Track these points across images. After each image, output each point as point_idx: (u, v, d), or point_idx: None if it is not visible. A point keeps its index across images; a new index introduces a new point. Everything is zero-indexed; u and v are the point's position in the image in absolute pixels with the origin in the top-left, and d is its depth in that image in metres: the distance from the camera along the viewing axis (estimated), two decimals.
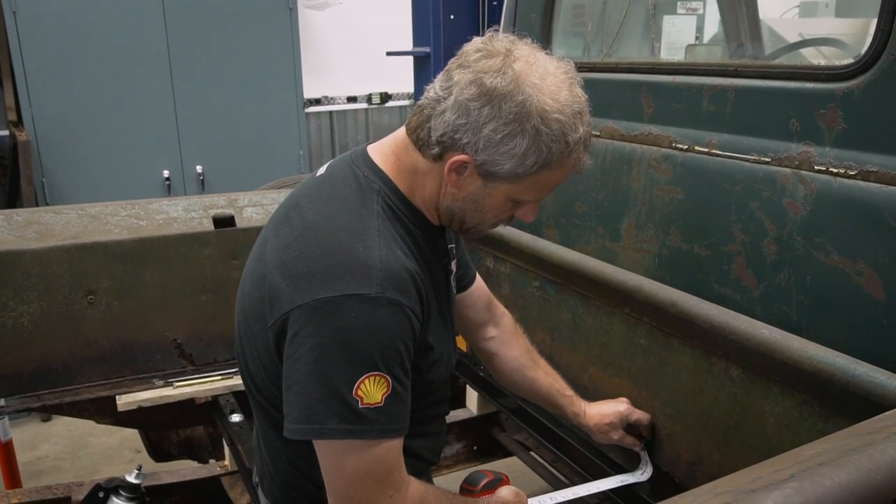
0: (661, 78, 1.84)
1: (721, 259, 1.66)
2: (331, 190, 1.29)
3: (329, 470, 1.21)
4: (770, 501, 0.71)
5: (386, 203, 1.27)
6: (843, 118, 1.41)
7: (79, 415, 2.24)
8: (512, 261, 2.31)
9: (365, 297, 1.15)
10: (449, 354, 1.45)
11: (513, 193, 1.26)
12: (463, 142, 1.20)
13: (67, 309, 2.17)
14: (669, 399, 1.75)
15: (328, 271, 1.17)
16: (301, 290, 1.17)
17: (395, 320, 1.17)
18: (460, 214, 1.31)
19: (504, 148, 1.18)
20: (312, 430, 1.17)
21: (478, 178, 1.24)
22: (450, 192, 1.28)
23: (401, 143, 1.31)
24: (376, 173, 1.29)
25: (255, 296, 1.29)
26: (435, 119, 1.22)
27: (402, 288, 1.19)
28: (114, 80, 4.40)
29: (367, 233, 1.21)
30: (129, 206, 2.30)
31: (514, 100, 1.16)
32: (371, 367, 1.15)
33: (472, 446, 2.58)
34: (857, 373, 1.28)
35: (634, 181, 1.89)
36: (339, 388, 1.15)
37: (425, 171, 1.28)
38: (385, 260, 1.18)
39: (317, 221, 1.24)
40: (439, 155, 1.24)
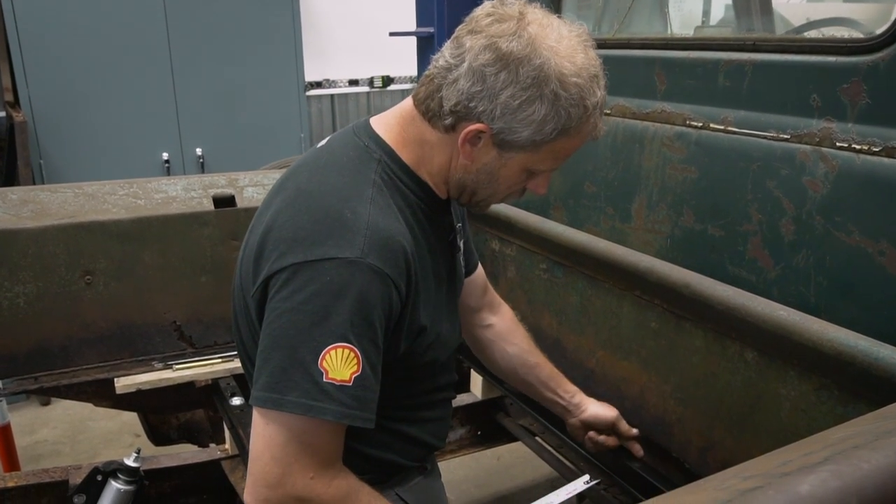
0: (675, 53, 1.79)
1: (736, 240, 1.61)
2: (328, 159, 1.25)
3: (259, 431, 1.12)
4: (807, 485, 0.67)
5: (386, 173, 1.22)
6: (867, 92, 1.37)
7: (76, 397, 2.20)
8: (518, 243, 2.27)
9: (344, 261, 1.09)
10: (448, 335, 1.39)
11: (529, 163, 1.22)
12: (478, 110, 1.15)
13: (64, 290, 2.12)
14: (680, 383, 1.71)
15: (311, 235, 1.12)
16: (282, 256, 1.13)
17: (374, 289, 1.11)
18: (472, 187, 1.26)
19: (522, 114, 1.14)
20: (271, 399, 1.09)
21: (493, 148, 1.19)
22: (462, 164, 1.23)
23: (407, 114, 1.26)
24: (378, 143, 1.25)
25: (246, 269, 1.24)
26: (447, 88, 1.16)
27: (388, 257, 1.13)
28: (112, 61, 4.33)
29: (359, 199, 1.16)
30: (127, 185, 2.25)
31: (531, 63, 1.11)
32: (340, 338, 1.08)
33: (477, 431, 2.55)
34: (881, 356, 1.24)
35: (646, 160, 1.84)
36: (303, 358, 1.08)
37: (434, 143, 1.23)
38: (373, 226, 1.13)
39: (309, 188, 1.19)
40: (452, 126, 1.19)
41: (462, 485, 3.28)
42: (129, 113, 4.41)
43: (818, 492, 0.67)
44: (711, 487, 0.76)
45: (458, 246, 1.43)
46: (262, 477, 1.11)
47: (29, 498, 2.00)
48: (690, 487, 0.79)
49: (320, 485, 1.13)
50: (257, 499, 1.12)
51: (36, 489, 2.00)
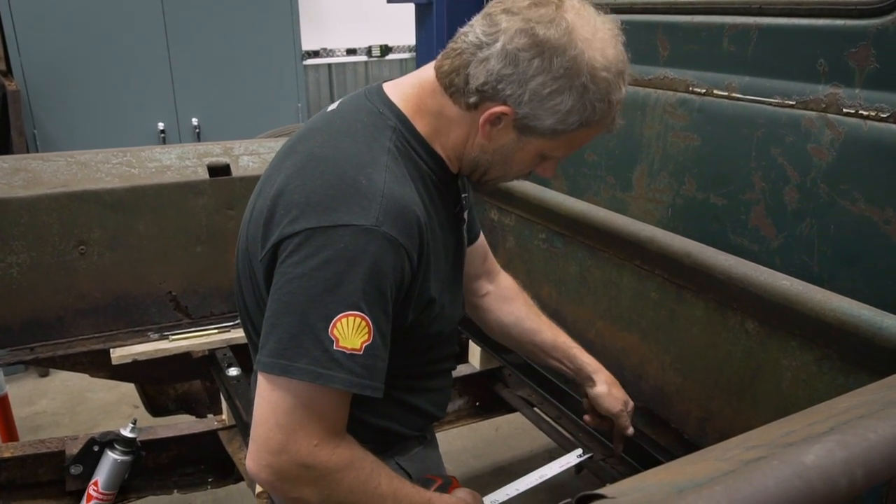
0: (678, 18, 1.74)
1: (739, 208, 1.59)
2: (340, 123, 1.22)
3: (264, 396, 1.10)
4: (812, 455, 0.65)
5: (400, 141, 1.19)
6: (876, 57, 1.33)
7: (72, 368, 2.19)
8: (517, 212, 2.24)
9: (359, 228, 1.07)
10: (452, 308, 1.37)
11: (544, 149, 1.21)
12: (506, 93, 1.13)
13: (58, 260, 2.10)
14: (680, 353, 1.70)
15: (325, 201, 1.09)
16: (294, 220, 1.10)
17: (387, 258, 1.09)
18: (485, 166, 1.25)
19: (550, 103, 1.12)
20: (279, 365, 1.07)
21: (512, 131, 1.18)
22: (479, 144, 1.21)
23: (427, 84, 1.22)
24: (393, 111, 1.22)
25: (253, 234, 1.21)
26: (475, 66, 1.13)
27: (403, 226, 1.11)
28: (107, 29, 4.26)
29: (375, 166, 1.13)
30: (121, 153, 2.22)
31: (566, 54, 1.10)
32: (352, 306, 1.06)
33: (475, 402, 2.55)
34: (884, 325, 1.22)
35: (648, 128, 1.81)
36: (314, 325, 1.06)
37: (453, 118, 1.20)
38: (389, 194, 1.10)
39: (322, 153, 1.16)
40: (475, 104, 1.16)
41: (461, 455, 3.29)
42: (123, 82, 4.35)
43: (823, 462, 0.66)
44: (713, 458, 0.74)
45: (463, 218, 1.41)
46: (265, 443, 1.10)
47: (26, 468, 2.00)
48: (692, 457, 0.78)
49: (324, 452, 1.11)
50: (260, 464, 1.11)
51: (33, 459, 1.99)
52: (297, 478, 1.11)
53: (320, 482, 1.12)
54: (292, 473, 1.10)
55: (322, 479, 1.12)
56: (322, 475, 1.12)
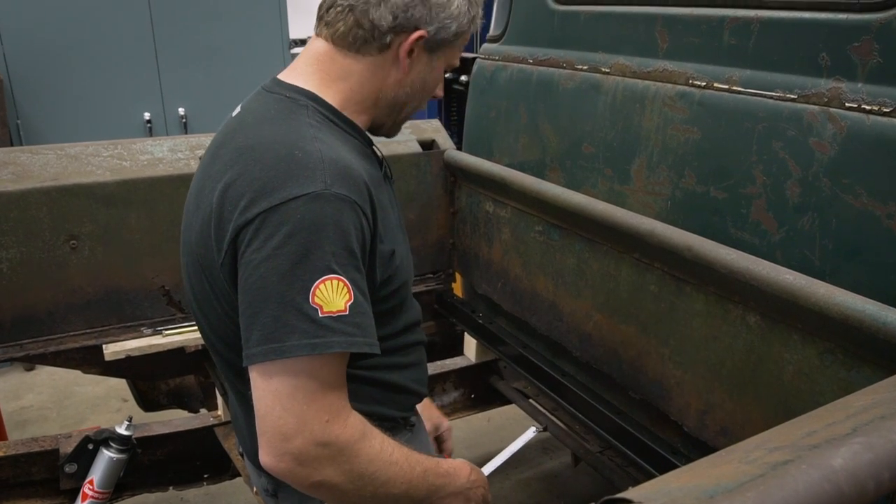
0: (677, 10, 1.73)
1: (739, 202, 1.58)
2: (253, 118, 1.23)
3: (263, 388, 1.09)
4: (840, 458, 0.65)
5: (317, 116, 1.22)
6: (879, 51, 1.33)
7: (64, 364, 2.16)
8: (513, 205, 2.23)
9: (310, 196, 1.07)
10: (408, 261, 1.38)
11: (449, 59, 1.33)
12: (416, 17, 1.22)
13: (49, 255, 2.07)
14: (680, 346, 1.70)
15: (269, 182, 1.09)
16: (245, 209, 1.09)
17: (345, 217, 1.09)
18: (403, 101, 1.31)
19: (449, 10, 1.24)
20: (271, 350, 1.05)
21: (424, 54, 1.27)
22: (396, 80, 1.28)
23: (323, 55, 1.27)
24: (299, 92, 1.25)
25: (204, 244, 1.19)
26: (374, 10, 1.21)
27: (351, 185, 1.12)
28: (91, 17, 4.18)
29: (303, 139, 1.15)
30: (112, 146, 2.18)
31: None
32: (325, 270, 1.06)
33: (471, 394, 2.55)
34: (889, 320, 1.22)
35: (647, 121, 1.80)
36: (294, 299, 1.05)
37: (362, 72, 1.26)
38: (327, 159, 1.12)
39: (248, 143, 1.17)
40: (389, 44, 1.23)
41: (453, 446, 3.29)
42: (108, 71, 4.27)
43: (851, 465, 0.66)
44: (737, 460, 0.74)
45: (391, 178, 1.42)
46: (277, 432, 1.09)
47: (19, 468, 1.97)
48: (713, 459, 0.78)
49: (337, 426, 1.11)
50: (276, 455, 1.10)
51: (25, 458, 1.97)
52: (316, 458, 1.10)
53: (339, 458, 1.12)
54: (311, 455, 1.10)
55: (341, 455, 1.12)
56: (340, 450, 1.11)
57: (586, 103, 2.00)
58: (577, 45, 2.07)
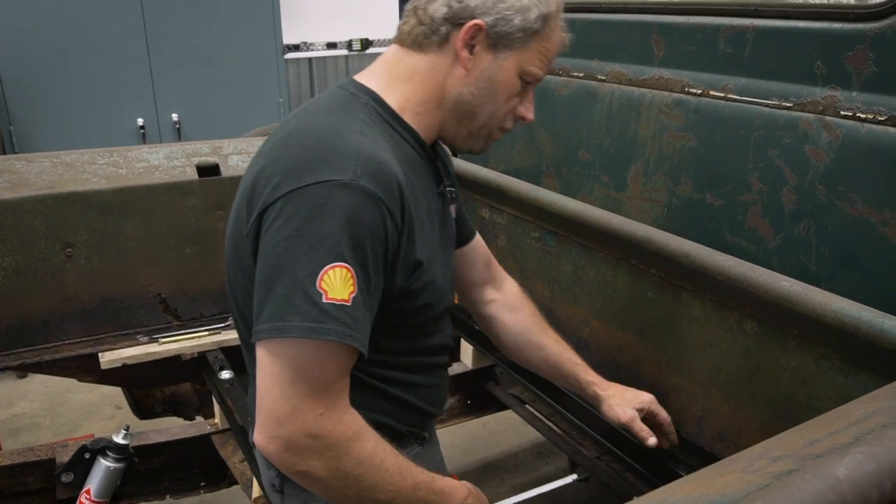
0: (673, 18, 1.75)
1: (735, 209, 1.59)
2: (315, 106, 1.28)
3: (265, 369, 1.10)
4: (843, 468, 0.66)
5: (373, 114, 1.24)
6: (873, 60, 1.34)
7: (60, 373, 2.15)
8: (509, 211, 2.24)
9: (337, 183, 1.08)
10: (442, 283, 1.36)
11: (522, 62, 1.26)
12: (471, 6, 1.21)
13: (44, 263, 2.06)
14: (677, 352, 1.71)
15: (302, 164, 1.12)
16: (275, 188, 1.12)
17: (367, 212, 1.10)
18: (471, 104, 1.28)
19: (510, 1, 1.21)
20: (275, 327, 1.08)
21: (487, 51, 1.24)
22: (459, 77, 1.26)
23: (392, 58, 1.30)
24: (363, 90, 1.28)
25: (238, 216, 1.23)
26: (431, 5, 1.23)
27: (381, 182, 1.12)
28: (84, 23, 4.18)
29: (349, 130, 1.17)
30: (108, 153, 2.18)
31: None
32: (336, 257, 1.07)
33: (467, 400, 2.55)
34: (886, 327, 1.23)
35: (643, 128, 1.81)
36: (302, 281, 1.06)
37: (425, 70, 1.26)
38: (364, 152, 1.13)
39: (298, 127, 1.21)
40: (446, 36, 1.23)
41: (448, 451, 3.26)
42: (102, 77, 4.27)
43: (854, 475, 0.66)
44: (741, 469, 0.74)
45: (448, 197, 1.42)
46: (271, 414, 1.10)
47: (15, 477, 1.96)
48: (717, 469, 0.78)
49: (330, 421, 1.12)
50: (268, 436, 1.11)
51: (21, 468, 1.96)
52: (304, 448, 1.11)
53: (327, 453, 1.12)
54: (300, 444, 1.11)
55: (329, 450, 1.12)
56: (329, 445, 1.12)
57: (582, 110, 2.01)
58: (572, 52, 2.08)
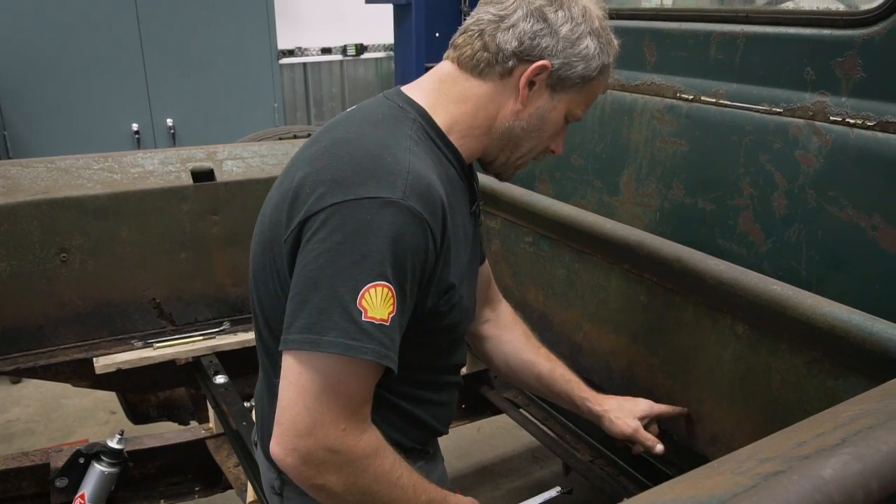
0: (665, 25, 1.76)
1: (727, 213, 1.61)
2: (362, 116, 1.26)
3: (291, 379, 1.10)
4: (829, 469, 0.67)
5: (421, 131, 1.23)
6: (863, 66, 1.36)
7: (54, 378, 2.15)
8: (503, 216, 2.25)
9: (385, 201, 1.08)
10: (469, 301, 1.37)
11: (571, 105, 1.30)
12: (542, 46, 1.22)
13: (39, 268, 2.06)
14: (669, 356, 1.72)
15: (350, 177, 1.10)
16: (321, 197, 1.10)
17: (412, 232, 1.09)
18: (518, 136, 1.30)
19: (580, 47, 1.24)
20: (308, 340, 1.06)
21: (545, 91, 1.27)
22: (513, 111, 1.27)
23: (447, 76, 1.29)
24: (412, 105, 1.26)
25: (275, 219, 1.21)
26: (502, 35, 1.23)
27: (428, 204, 1.12)
28: (79, 28, 4.19)
29: (398, 147, 1.16)
30: (102, 158, 2.18)
31: (578, 3, 1.24)
32: (380, 276, 1.06)
33: (461, 404, 2.55)
34: (875, 330, 1.25)
35: (635, 133, 1.83)
36: (342, 296, 1.05)
37: (481, 97, 1.26)
38: (414, 172, 1.12)
39: (346, 136, 1.19)
40: (511, 69, 1.24)
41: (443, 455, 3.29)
42: (96, 82, 4.28)
43: (840, 475, 0.67)
44: (729, 471, 0.75)
45: (480, 219, 1.43)
46: (292, 426, 1.09)
47: (9, 482, 1.96)
48: (705, 470, 0.79)
49: (351, 437, 1.11)
50: (286, 448, 1.10)
51: (16, 473, 1.96)
52: (322, 462, 1.11)
53: (346, 468, 1.12)
54: (319, 458, 1.10)
55: (348, 465, 1.12)
56: (348, 461, 1.12)
57: None
58: None
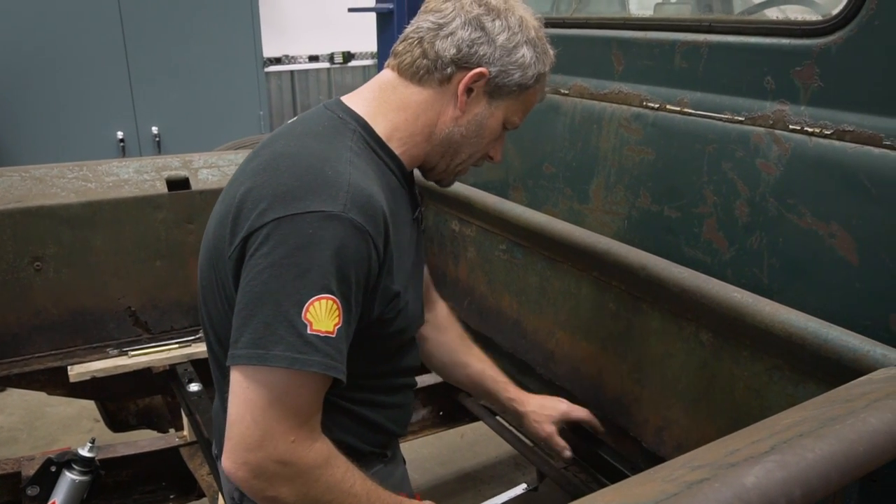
0: (632, 34, 1.77)
1: (692, 221, 1.62)
2: (303, 128, 1.27)
3: (239, 394, 1.10)
4: (752, 476, 0.68)
5: (361, 142, 1.25)
6: (820, 75, 1.37)
7: (29, 386, 2.15)
8: (478, 223, 2.26)
9: (327, 214, 1.09)
10: (414, 308, 1.38)
11: (508, 113, 1.34)
12: (479, 53, 1.26)
13: (13, 277, 2.07)
14: (638, 363, 1.72)
15: (292, 191, 1.11)
16: (262, 213, 1.11)
17: (354, 245, 1.11)
18: (458, 142, 1.33)
19: (516, 56, 1.28)
20: (255, 355, 1.07)
21: (483, 98, 1.30)
22: (452, 117, 1.30)
23: (387, 84, 1.32)
24: (352, 116, 1.28)
25: (219, 234, 1.22)
26: (441, 42, 1.26)
27: (369, 215, 1.13)
28: (63, 35, 4.19)
29: (339, 160, 1.17)
30: (77, 167, 2.19)
31: (514, 14, 1.29)
32: (324, 289, 1.08)
33: (439, 412, 2.56)
34: (830, 337, 1.26)
35: (604, 141, 1.84)
36: (287, 310, 1.06)
37: (420, 103, 1.29)
38: (354, 184, 1.13)
39: (287, 150, 1.20)
40: (450, 76, 1.27)
41: (426, 463, 3.30)
42: (81, 90, 4.28)
43: (763, 483, 0.68)
44: (661, 478, 0.76)
45: (422, 225, 1.44)
46: (241, 440, 1.10)
47: None
48: (641, 477, 0.80)
49: (301, 448, 1.12)
50: (236, 462, 1.10)
51: None
52: (273, 475, 1.11)
53: (297, 480, 1.12)
54: (269, 470, 1.10)
55: (299, 477, 1.12)
56: (299, 472, 1.12)
57: (547, 124, 2.04)
58: None
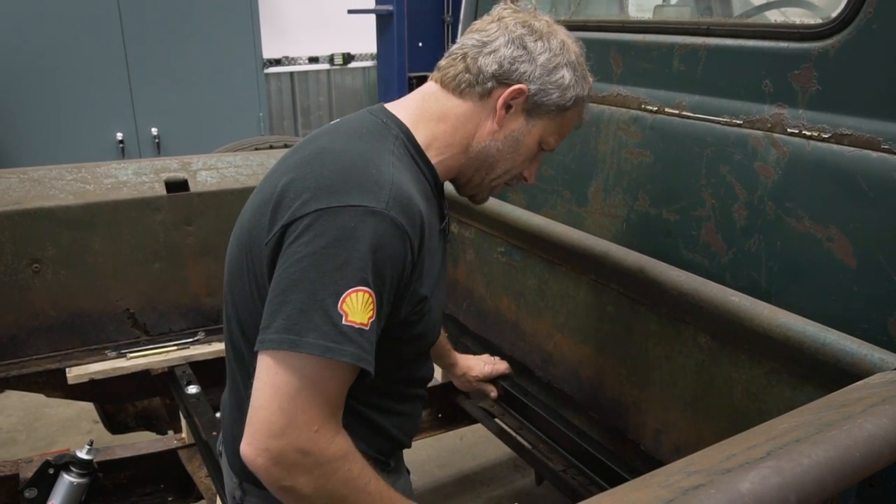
0: (630, 37, 1.77)
1: (690, 224, 1.62)
2: (347, 128, 1.30)
3: (266, 379, 1.10)
4: (747, 482, 0.67)
5: (402, 147, 1.27)
6: (818, 79, 1.37)
7: (27, 388, 2.15)
8: (477, 226, 2.26)
9: (368, 210, 1.11)
10: (437, 318, 1.40)
11: (545, 133, 1.37)
12: (520, 71, 1.30)
13: (11, 278, 2.06)
14: (636, 366, 1.72)
15: (336, 185, 1.13)
16: (305, 203, 1.13)
17: (392, 243, 1.12)
18: (494, 157, 1.36)
19: (555, 77, 1.31)
20: (287, 339, 1.07)
21: (521, 115, 1.34)
22: (490, 131, 1.33)
23: (429, 94, 1.36)
24: (394, 121, 1.31)
25: (256, 223, 1.22)
26: (484, 58, 1.31)
27: (408, 216, 1.15)
28: (62, 37, 4.19)
29: (382, 160, 1.20)
30: (75, 169, 2.19)
31: (556, 37, 1.33)
32: (361, 282, 1.09)
33: (437, 414, 2.56)
34: (828, 341, 1.26)
35: (602, 144, 1.84)
36: (324, 299, 1.07)
37: (460, 115, 1.33)
38: (396, 184, 1.16)
39: (332, 146, 1.22)
40: (490, 90, 1.31)
41: (425, 465, 3.29)
42: (81, 92, 4.28)
43: (758, 489, 0.68)
44: (656, 484, 0.76)
45: (448, 236, 1.46)
46: (265, 426, 1.09)
47: None
48: (637, 483, 0.80)
49: (324, 439, 1.12)
50: (257, 448, 1.10)
51: None
52: (293, 464, 1.11)
53: (315, 470, 1.12)
54: (290, 459, 1.10)
55: (318, 468, 1.12)
56: (318, 463, 1.12)
57: None
58: None
